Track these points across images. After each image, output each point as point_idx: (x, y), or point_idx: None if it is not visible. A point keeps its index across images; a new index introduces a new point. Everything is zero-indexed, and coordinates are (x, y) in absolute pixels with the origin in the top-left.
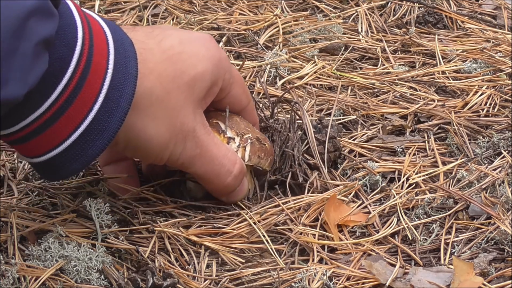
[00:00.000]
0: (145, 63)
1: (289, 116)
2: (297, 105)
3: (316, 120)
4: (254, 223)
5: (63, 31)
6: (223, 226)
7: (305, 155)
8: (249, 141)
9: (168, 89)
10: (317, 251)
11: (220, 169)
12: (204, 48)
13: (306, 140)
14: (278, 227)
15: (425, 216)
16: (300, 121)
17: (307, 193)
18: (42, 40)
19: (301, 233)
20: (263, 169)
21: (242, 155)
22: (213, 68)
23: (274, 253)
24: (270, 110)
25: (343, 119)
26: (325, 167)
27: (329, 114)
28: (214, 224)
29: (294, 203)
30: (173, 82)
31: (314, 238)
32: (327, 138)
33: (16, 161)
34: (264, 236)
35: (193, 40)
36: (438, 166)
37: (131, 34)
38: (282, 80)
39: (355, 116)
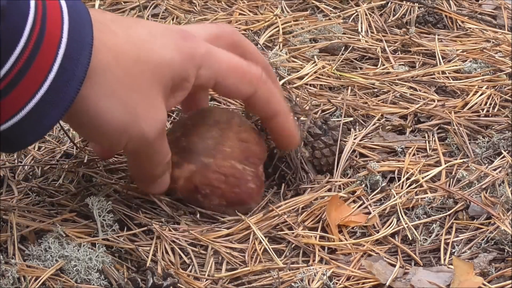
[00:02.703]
0: (102, 40)
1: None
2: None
3: (320, 120)
4: (254, 224)
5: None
6: (223, 229)
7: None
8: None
9: (128, 71)
10: (318, 251)
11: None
12: (178, 40)
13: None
14: (278, 228)
15: (425, 216)
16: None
17: (306, 194)
18: None
19: (301, 234)
20: None
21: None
22: (183, 61)
23: (272, 253)
24: None
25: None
26: (337, 171)
27: (332, 115)
28: (215, 228)
29: (293, 205)
30: (134, 66)
31: (315, 238)
32: (339, 139)
33: (16, 161)
34: (263, 239)
35: (166, 33)
36: (438, 166)
37: (97, 13)
38: (282, 81)
39: (355, 116)
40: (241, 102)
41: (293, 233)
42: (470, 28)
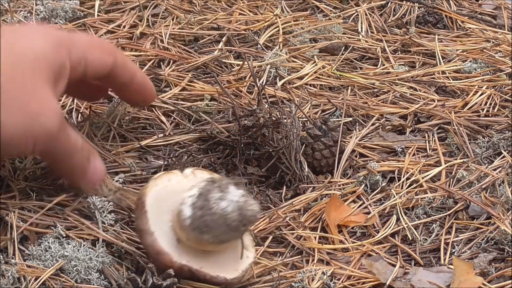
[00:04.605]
0: None
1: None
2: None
3: (320, 121)
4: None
5: None
6: None
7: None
8: None
9: (10, 77)
10: (318, 252)
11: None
12: (40, 33)
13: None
14: (278, 228)
15: (425, 216)
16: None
17: (306, 195)
18: None
19: (301, 236)
20: None
21: None
22: (54, 49)
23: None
24: (257, 97)
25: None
26: (337, 172)
27: (332, 115)
28: None
29: (294, 206)
30: (13, 70)
31: (315, 239)
32: (339, 140)
33: (16, 161)
34: (262, 239)
35: (27, 30)
36: (438, 166)
37: None
38: (282, 81)
39: (354, 116)
40: (103, 79)
41: (293, 233)
42: (470, 28)
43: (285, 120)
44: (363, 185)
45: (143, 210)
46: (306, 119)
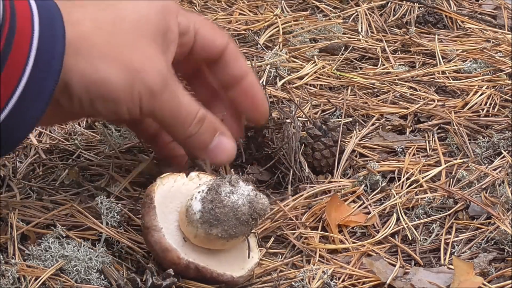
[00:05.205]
0: (76, 14)
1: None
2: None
3: (320, 121)
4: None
5: None
6: None
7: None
8: None
9: (110, 32)
10: (318, 251)
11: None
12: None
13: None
14: (278, 228)
15: (425, 216)
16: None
17: (306, 195)
18: None
19: (302, 236)
20: None
21: None
22: (158, 12)
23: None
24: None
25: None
26: (337, 172)
27: (332, 115)
28: None
29: (294, 206)
30: (114, 26)
31: (315, 238)
32: (339, 140)
33: (16, 161)
34: (262, 239)
35: None
36: (438, 166)
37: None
38: (282, 81)
39: (355, 116)
40: (213, 67)
41: (294, 233)
42: (470, 28)
43: (287, 121)
44: (363, 185)
45: (151, 205)
46: (306, 119)
